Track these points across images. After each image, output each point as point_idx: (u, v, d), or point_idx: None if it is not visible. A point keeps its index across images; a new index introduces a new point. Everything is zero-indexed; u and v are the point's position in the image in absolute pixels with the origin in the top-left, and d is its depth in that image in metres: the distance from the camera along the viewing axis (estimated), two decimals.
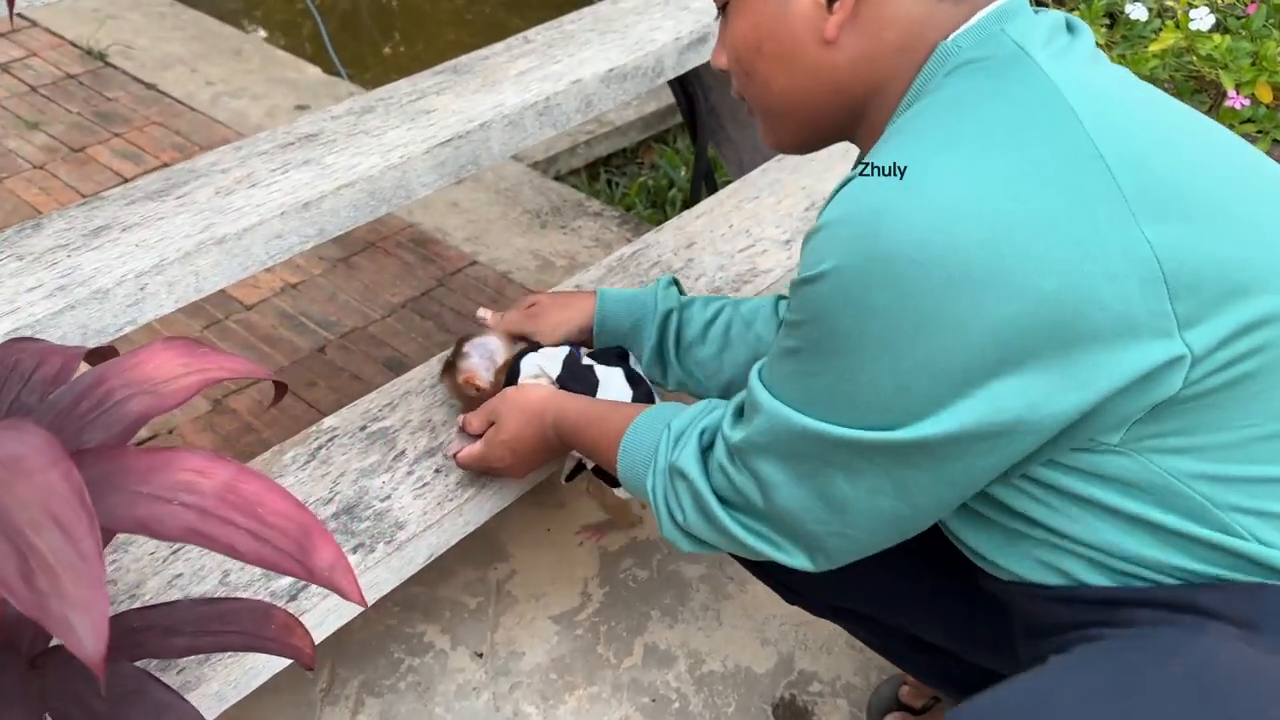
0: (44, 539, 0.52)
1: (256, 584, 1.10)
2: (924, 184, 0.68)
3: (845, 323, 0.71)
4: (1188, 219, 0.69)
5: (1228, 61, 1.84)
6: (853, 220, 0.70)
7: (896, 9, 0.78)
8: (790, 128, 0.89)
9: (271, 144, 1.30)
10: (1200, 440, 0.73)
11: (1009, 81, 0.73)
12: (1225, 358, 0.70)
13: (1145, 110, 0.76)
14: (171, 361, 0.80)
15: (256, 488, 0.69)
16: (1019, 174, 0.68)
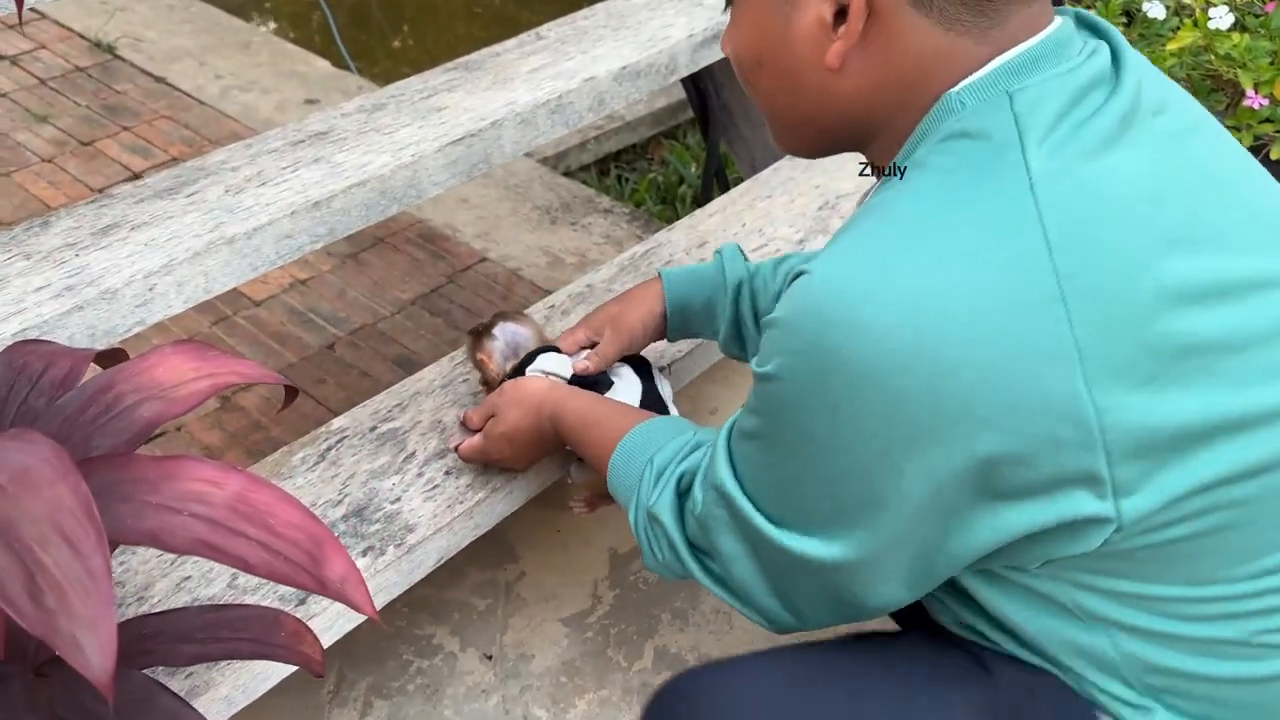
0: (51, 555, 0.51)
1: (265, 587, 1.09)
2: (877, 304, 0.65)
3: (803, 419, 0.71)
4: (1151, 378, 0.65)
5: (1246, 61, 1.82)
6: (800, 328, 0.69)
7: (909, 41, 0.71)
8: (794, 139, 0.84)
9: (282, 141, 1.29)
10: (1123, 586, 0.74)
11: (984, 192, 0.67)
12: (1161, 521, 0.69)
13: (1152, 208, 0.69)
14: (181, 365, 0.79)
15: (268, 498, 0.68)
16: (970, 315, 0.64)
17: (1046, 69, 0.70)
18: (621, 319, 1.20)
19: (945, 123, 0.71)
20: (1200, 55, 1.88)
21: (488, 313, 2.06)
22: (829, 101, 0.76)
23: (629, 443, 0.97)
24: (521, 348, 1.21)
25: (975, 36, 0.70)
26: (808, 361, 0.68)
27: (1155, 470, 0.67)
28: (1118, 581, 0.74)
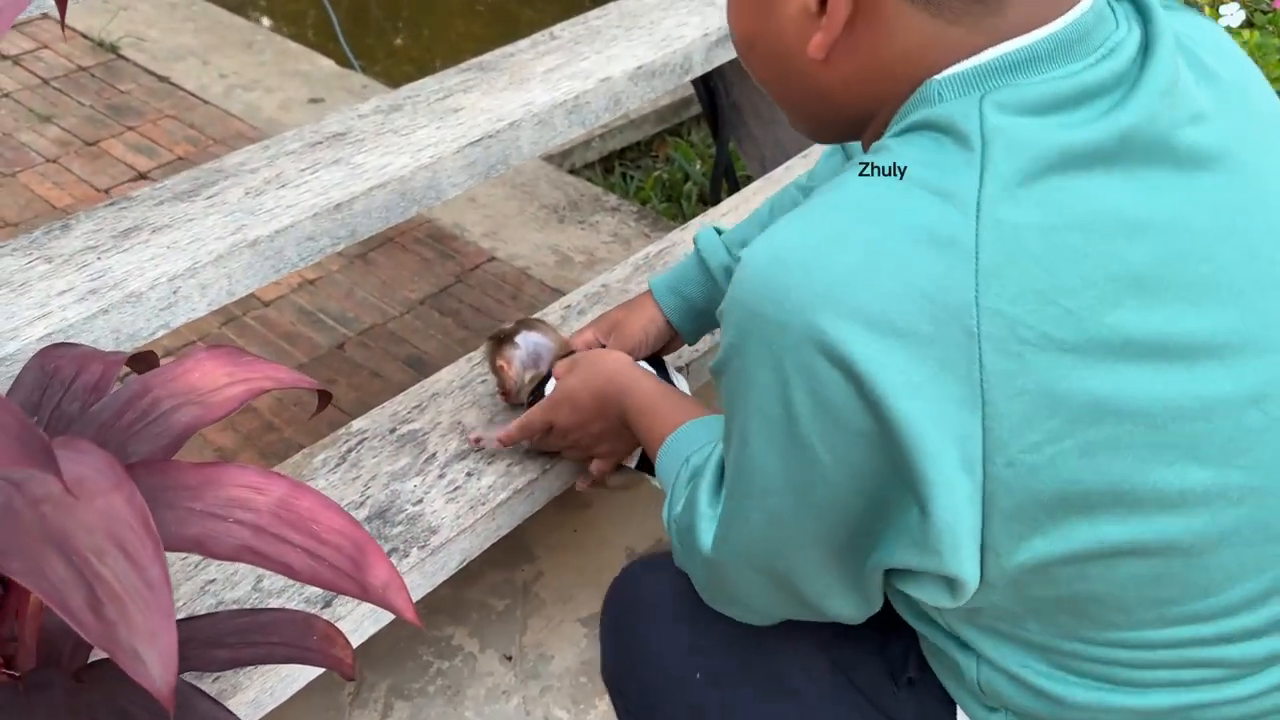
0: (109, 566, 0.50)
1: (290, 590, 1.09)
2: (798, 282, 0.61)
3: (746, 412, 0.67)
4: (1063, 433, 0.60)
5: (1257, 58, 1.82)
6: (737, 302, 0.64)
7: (896, 30, 0.65)
8: (797, 121, 0.79)
9: (299, 143, 1.29)
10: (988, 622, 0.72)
11: (923, 195, 0.61)
12: (1022, 581, 0.65)
13: (1124, 242, 0.61)
14: (216, 371, 0.79)
15: (310, 503, 0.68)
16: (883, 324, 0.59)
17: (1045, 69, 0.63)
18: (625, 326, 1.20)
19: (917, 110, 0.65)
20: None
21: (497, 312, 2.06)
22: (817, 88, 0.72)
23: (675, 439, 0.97)
24: (543, 359, 1.19)
25: (968, 25, 0.63)
26: (740, 345, 0.65)
27: (1026, 534, 0.62)
28: (983, 616, 0.71)
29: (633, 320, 1.20)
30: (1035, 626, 0.69)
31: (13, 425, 0.43)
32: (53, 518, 0.52)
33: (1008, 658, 0.72)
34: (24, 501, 0.53)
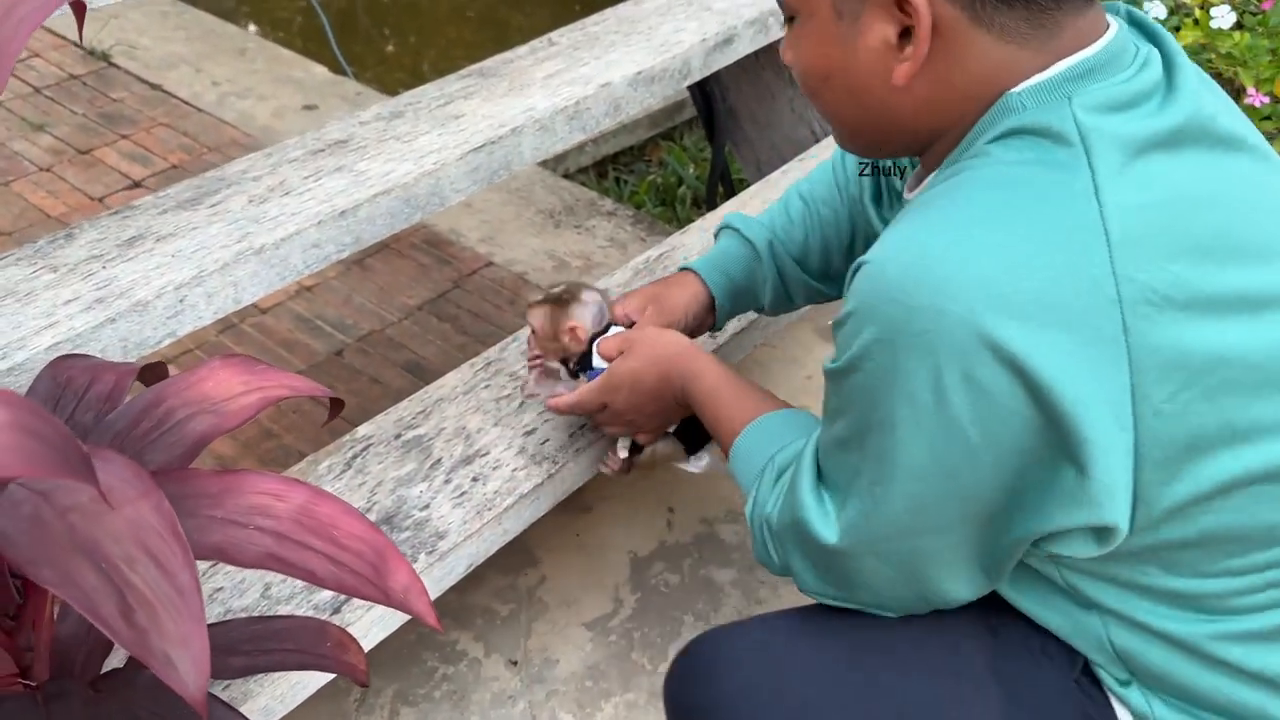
0: (140, 574, 0.51)
1: (299, 596, 1.09)
2: (951, 278, 0.67)
3: (883, 407, 0.72)
4: (1190, 381, 0.68)
5: (1247, 59, 1.84)
6: (876, 311, 0.70)
7: (969, 55, 0.73)
8: (856, 143, 0.87)
9: (302, 150, 1.29)
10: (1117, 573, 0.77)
11: (1049, 190, 0.68)
12: (1164, 525, 0.72)
13: (1192, 213, 0.70)
14: (231, 379, 0.79)
15: (331, 510, 0.68)
16: (1038, 297, 0.66)
17: (1103, 78, 0.72)
18: (665, 299, 1.19)
19: (1005, 120, 0.73)
20: (1201, 53, 1.90)
21: (495, 318, 2.06)
22: (894, 113, 0.78)
23: (755, 431, 0.99)
24: (602, 317, 1.15)
25: (1034, 48, 0.72)
26: (885, 344, 0.70)
27: (1169, 479, 0.70)
28: (1118, 567, 0.76)
29: (674, 295, 1.20)
30: (1156, 570, 0.75)
31: (54, 437, 0.43)
32: (81, 527, 0.53)
33: (1128, 604, 0.78)
34: (52, 511, 0.53)
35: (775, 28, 1.63)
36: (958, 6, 0.71)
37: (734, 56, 1.57)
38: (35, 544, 0.51)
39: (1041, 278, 0.66)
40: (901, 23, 0.73)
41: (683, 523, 1.58)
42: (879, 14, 0.74)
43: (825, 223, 1.21)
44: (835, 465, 0.81)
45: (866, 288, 0.71)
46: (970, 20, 0.72)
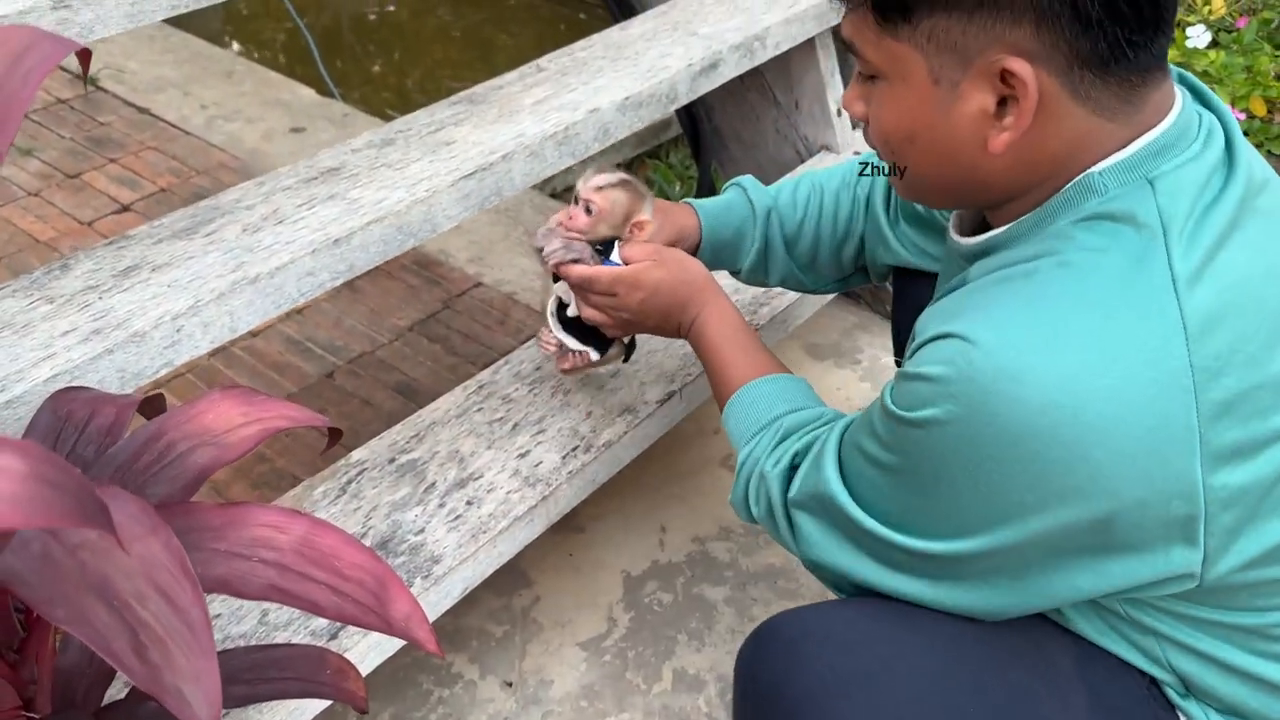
0: (151, 610, 0.52)
1: (296, 622, 1.10)
2: (1039, 379, 0.71)
3: (943, 466, 0.77)
4: (1256, 451, 0.73)
5: (1223, 77, 1.87)
6: (961, 391, 0.74)
7: (1063, 126, 0.76)
8: (926, 196, 0.89)
9: (294, 179, 1.30)
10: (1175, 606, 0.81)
11: (1132, 285, 0.73)
12: (1241, 575, 0.77)
13: (1263, 286, 0.75)
14: (231, 411, 0.80)
15: (332, 540, 0.69)
16: (1115, 397, 0.71)
17: (1177, 154, 0.76)
18: (673, 214, 1.23)
19: (1088, 201, 0.77)
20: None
21: (485, 338, 2.08)
22: (979, 175, 0.81)
23: (761, 388, 1.05)
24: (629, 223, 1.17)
25: (1120, 121, 0.76)
26: (964, 420, 0.74)
27: (1237, 536, 0.75)
28: (1178, 604, 0.81)
29: (679, 215, 1.23)
30: (1213, 607, 0.80)
31: (72, 485, 0.44)
32: (92, 564, 0.54)
33: (1186, 634, 0.82)
34: (62, 550, 0.54)
35: (759, 53, 1.65)
36: (1058, 80, 0.74)
37: (719, 81, 1.59)
38: (47, 583, 0.52)
39: (1120, 372, 0.71)
40: (1001, 93, 0.76)
41: (675, 541, 1.59)
42: (981, 83, 0.76)
43: (825, 214, 1.26)
44: (860, 474, 0.87)
45: (954, 363, 0.74)
46: (1069, 93, 0.75)
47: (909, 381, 0.78)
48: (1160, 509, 0.72)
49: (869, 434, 0.84)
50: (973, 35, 0.74)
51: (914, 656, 0.83)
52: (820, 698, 0.82)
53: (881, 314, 2.04)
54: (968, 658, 0.83)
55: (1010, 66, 0.73)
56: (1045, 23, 0.72)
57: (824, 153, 1.89)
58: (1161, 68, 0.76)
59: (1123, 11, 0.72)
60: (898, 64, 0.79)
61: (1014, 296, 0.75)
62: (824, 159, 1.87)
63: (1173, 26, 0.75)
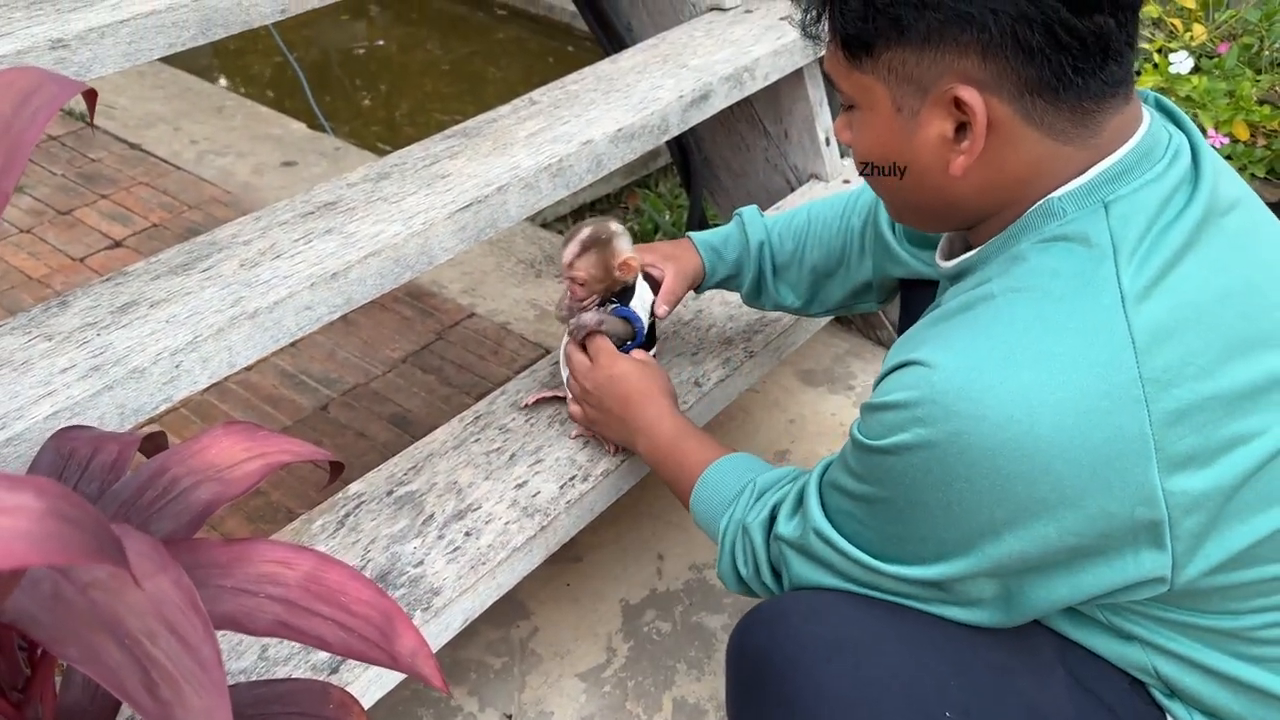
0: (162, 648, 0.52)
1: (296, 657, 1.10)
2: (999, 399, 0.74)
3: (915, 490, 0.80)
4: (1212, 458, 0.75)
5: (1206, 102, 1.90)
6: (926, 415, 0.77)
7: (1020, 149, 0.80)
8: (909, 219, 0.94)
9: (291, 213, 1.31)
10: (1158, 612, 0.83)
11: (1082, 305, 0.76)
12: (1211, 579, 0.79)
13: (1220, 307, 0.77)
14: (234, 447, 0.81)
15: (339, 576, 0.69)
16: (1069, 411, 0.74)
17: (1137, 177, 0.79)
18: (681, 260, 1.33)
19: (1048, 225, 0.80)
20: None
21: (479, 368, 2.08)
22: (948, 197, 0.85)
23: (723, 466, 1.10)
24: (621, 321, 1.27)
25: (1077, 144, 0.79)
26: (931, 444, 0.77)
27: (1204, 541, 0.77)
28: (1155, 608, 0.83)
29: (685, 259, 1.34)
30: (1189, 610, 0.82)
31: (88, 522, 0.44)
32: (103, 602, 0.54)
33: (1166, 639, 0.84)
34: (73, 588, 0.54)
35: (749, 84, 1.67)
36: (1010, 107, 0.78)
37: (710, 112, 1.61)
38: (59, 622, 0.52)
39: (1072, 386, 0.74)
40: (958, 119, 0.79)
41: (673, 569, 1.59)
42: (937, 111, 0.80)
43: (818, 244, 1.32)
44: (839, 508, 0.90)
45: (917, 388, 0.78)
46: (1022, 118, 0.78)
47: (875, 412, 0.81)
48: (1125, 515, 0.75)
49: (843, 470, 0.88)
50: (926, 66, 0.79)
51: (897, 631, 0.87)
52: (806, 663, 0.86)
53: (873, 339, 2.05)
54: (951, 636, 0.87)
55: (960, 95, 0.78)
56: (990, 53, 0.76)
57: (813, 181, 1.91)
58: (1118, 94, 0.79)
59: (1064, 41, 0.75)
60: (866, 94, 0.84)
61: (972, 322, 0.79)
62: (813, 187, 1.89)
63: (1126, 54, 0.78)
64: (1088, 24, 0.75)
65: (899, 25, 0.78)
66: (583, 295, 1.24)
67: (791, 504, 0.97)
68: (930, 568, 0.84)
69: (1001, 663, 0.86)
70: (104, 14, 1.21)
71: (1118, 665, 0.88)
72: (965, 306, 0.81)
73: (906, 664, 0.84)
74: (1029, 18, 0.74)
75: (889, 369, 0.82)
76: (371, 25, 4.36)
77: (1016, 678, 0.85)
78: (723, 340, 1.54)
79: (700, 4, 1.87)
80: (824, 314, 1.42)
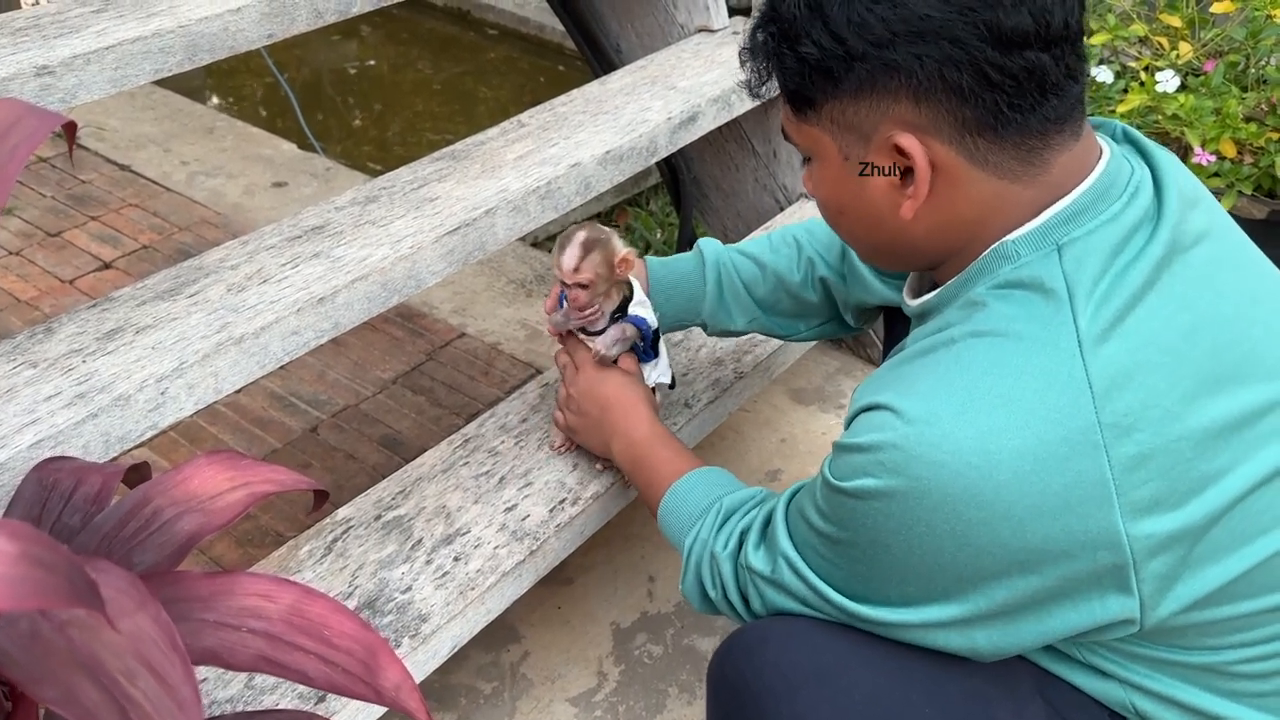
0: (140, 688, 0.51)
1: (283, 686, 1.09)
2: (957, 445, 0.74)
3: (879, 535, 0.80)
4: (1182, 500, 0.74)
5: (1193, 120, 1.91)
6: (887, 460, 0.77)
7: (970, 191, 0.80)
8: (874, 259, 0.95)
9: (278, 237, 1.31)
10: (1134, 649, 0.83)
11: (1039, 350, 0.75)
12: (1184, 618, 0.78)
13: (1185, 344, 0.76)
14: (217, 476, 0.80)
15: (321, 609, 0.69)
16: (1027, 457, 0.73)
17: (1092, 217, 0.78)
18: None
19: (1002, 268, 0.80)
20: (1148, 116, 1.96)
21: (470, 389, 2.07)
22: (905, 239, 0.86)
23: (695, 478, 1.10)
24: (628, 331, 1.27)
25: (1025, 182, 0.79)
26: (892, 489, 0.77)
27: (1174, 582, 0.77)
28: (1130, 644, 0.82)
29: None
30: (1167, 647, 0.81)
31: (62, 566, 0.44)
32: (80, 641, 0.53)
33: (1144, 677, 0.84)
34: (51, 628, 0.54)
35: (737, 104, 1.67)
36: (952, 149, 0.78)
37: (698, 133, 1.61)
38: (36, 661, 0.51)
39: (1030, 433, 0.73)
40: (902, 164, 0.80)
41: (664, 592, 1.58)
42: (882, 158, 0.80)
43: (787, 256, 1.31)
44: (806, 542, 0.90)
45: (882, 432, 0.78)
46: (966, 159, 0.78)
47: (843, 453, 0.81)
48: (1087, 560, 0.75)
49: (813, 505, 0.87)
50: (864, 115, 0.80)
51: (873, 658, 0.86)
52: (782, 690, 0.86)
53: (864, 358, 2.05)
54: (929, 664, 0.86)
55: (898, 141, 0.78)
56: (923, 97, 0.77)
57: (802, 200, 1.91)
58: (1064, 129, 0.79)
59: (995, 79, 0.75)
60: (817, 145, 0.86)
61: (935, 366, 0.79)
62: (803, 206, 1.89)
63: (1068, 87, 0.78)
64: (1017, 61, 0.75)
65: (832, 77, 0.80)
66: (586, 301, 1.21)
67: (758, 532, 0.97)
68: (895, 611, 0.83)
69: (980, 691, 0.86)
70: (90, 40, 1.20)
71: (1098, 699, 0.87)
72: (927, 350, 0.81)
73: (884, 692, 0.84)
74: (955, 60, 0.75)
75: (858, 409, 0.82)
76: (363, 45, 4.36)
77: (994, 707, 0.85)
78: (713, 360, 1.54)
79: (689, 25, 1.88)
80: (805, 337, 1.40)
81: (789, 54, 0.82)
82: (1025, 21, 0.74)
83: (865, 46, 0.77)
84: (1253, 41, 2.02)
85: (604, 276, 1.19)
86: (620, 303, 1.25)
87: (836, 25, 0.78)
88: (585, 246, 1.18)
